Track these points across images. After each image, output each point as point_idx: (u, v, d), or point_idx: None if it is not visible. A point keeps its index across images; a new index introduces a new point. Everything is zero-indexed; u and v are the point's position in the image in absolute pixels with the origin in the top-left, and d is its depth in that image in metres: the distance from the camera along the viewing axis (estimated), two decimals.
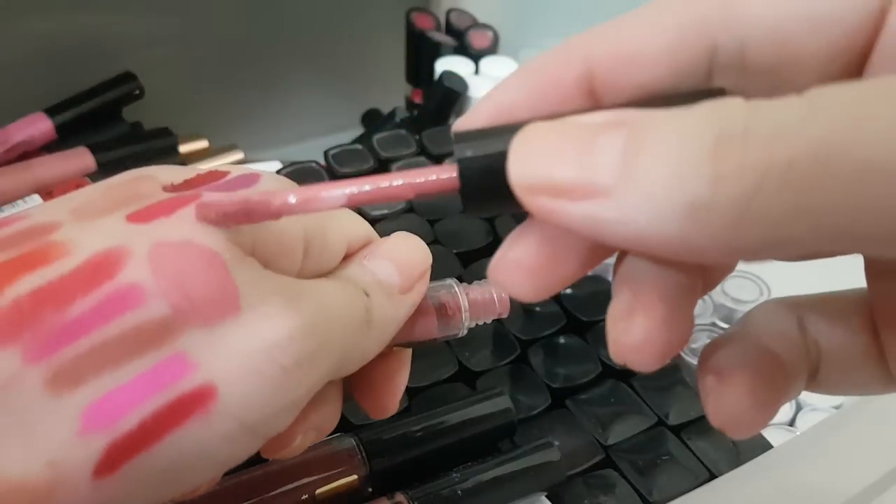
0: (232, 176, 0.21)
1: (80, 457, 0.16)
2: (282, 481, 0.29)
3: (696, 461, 0.35)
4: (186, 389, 0.17)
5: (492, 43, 0.62)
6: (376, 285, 0.22)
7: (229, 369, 0.17)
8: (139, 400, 0.16)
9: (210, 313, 0.17)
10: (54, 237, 0.18)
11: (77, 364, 0.16)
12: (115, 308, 0.17)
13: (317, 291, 0.20)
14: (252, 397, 0.17)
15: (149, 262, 0.17)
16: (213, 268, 0.18)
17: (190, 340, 0.17)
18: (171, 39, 0.58)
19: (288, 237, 0.20)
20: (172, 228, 0.18)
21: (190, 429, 0.17)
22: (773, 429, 0.39)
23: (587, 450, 0.35)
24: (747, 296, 0.44)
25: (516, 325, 0.40)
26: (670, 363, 0.40)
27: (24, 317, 0.16)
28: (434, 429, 0.32)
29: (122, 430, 0.16)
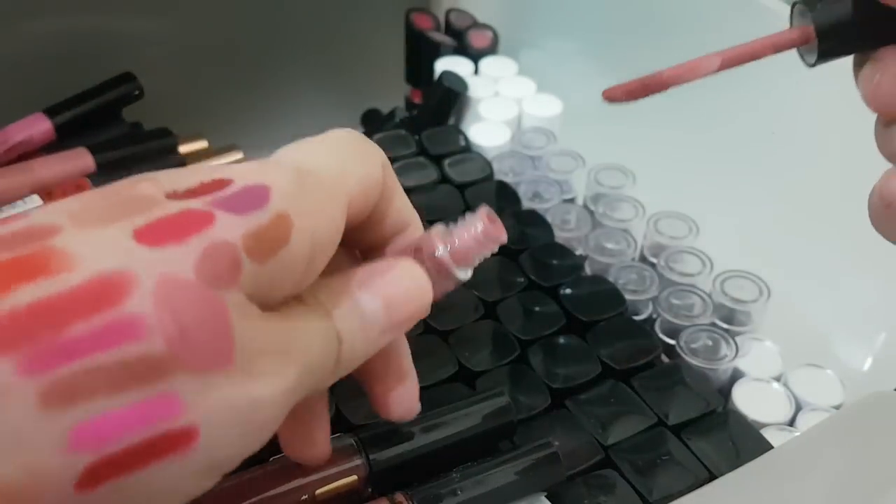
0: (236, 187, 0.20)
1: (64, 471, 0.16)
2: (281, 481, 0.29)
3: (695, 461, 0.35)
4: (173, 428, 0.17)
5: (492, 43, 0.62)
6: (355, 329, 0.23)
7: (213, 417, 0.18)
8: (128, 428, 0.17)
9: (205, 362, 0.18)
10: (55, 242, 0.18)
11: (71, 384, 0.16)
12: (116, 337, 0.17)
13: (303, 347, 0.21)
14: (227, 444, 0.19)
15: (154, 298, 0.17)
16: (215, 318, 0.18)
17: (182, 383, 0.17)
18: (171, 39, 0.58)
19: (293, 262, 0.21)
20: (183, 262, 0.18)
21: (168, 463, 0.18)
22: (772, 429, 0.39)
23: (587, 450, 0.35)
24: (747, 296, 0.44)
25: (516, 325, 0.40)
26: (670, 363, 0.40)
27: (20, 329, 0.16)
28: (434, 429, 0.32)
29: (107, 453, 0.17)
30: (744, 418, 0.38)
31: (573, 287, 0.43)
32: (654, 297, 0.44)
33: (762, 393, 0.41)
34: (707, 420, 0.37)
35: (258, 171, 0.21)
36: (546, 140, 0.54)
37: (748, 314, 0.44)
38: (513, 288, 0.42)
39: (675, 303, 0.44)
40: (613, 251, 0.47)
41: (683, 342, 0.41)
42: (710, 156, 0.51)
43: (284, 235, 0.20)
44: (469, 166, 0.51)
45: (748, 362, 0.42)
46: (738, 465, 0.34)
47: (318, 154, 0.24)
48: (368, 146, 0.26)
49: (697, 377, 0.39)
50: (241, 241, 0.19)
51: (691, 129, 0.52)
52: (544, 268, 0.44)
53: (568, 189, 0.51)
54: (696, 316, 0.43)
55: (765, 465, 0.34)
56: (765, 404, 0.40)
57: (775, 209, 0.48)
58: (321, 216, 0.22)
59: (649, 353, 0.40)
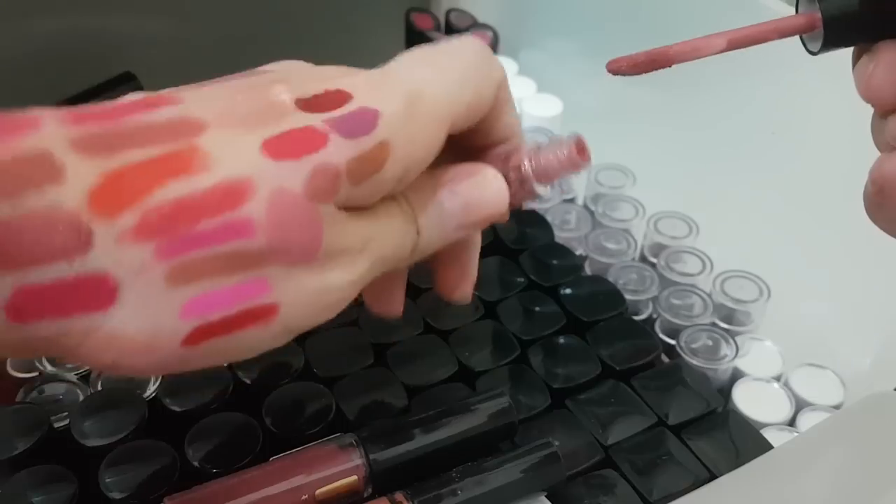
0: (352, 107, 0.24)
1: (175, 332, 0.21)
2: (282, 481, 0.29)
3: (696, 461, 0.35)
4: (260, 304, 0.22)
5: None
6: (434, 223, 0.27)
7: (292, 297, 0.23)
8: (227, 304, 0.22)
9: (295, 258, 0.22)
10: (201, 141, 0.21)
11: (190, 267, 0.21)
12: (230, 233, 0.21)
13: (379, 242, 0.25)
14: (300, 317, 0.23)
15: (267, 205, 0.21)
16: (311, 225, 0.22)
17: (273, 271, 0.22)
18: (171, 39, 0.58)
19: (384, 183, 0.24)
20: (295, 176, 0.22)
21: (253, 329, 0.22)
22: (773, 429, 0.39)
23: (587, 450, 0.35)
24: (747, 296, 0.44)
25: (516, 325, 0.40)
26: (670, 363, 0.40)
27: (163, 221, 0.20)
28: (434, 429, 0.32)
29: (209, 321, 0.21)
30: (744, 418, 0.38)
31: (573, 287, 0.43)
32: (654, 297, 0.44)
33: (762, 393, 0.41)
34: (707, 420, 0.37)
35: (375, 89, 0.25)
36: (546, 140, 0.54)
37: (748, 314, 0.44)
38: (513, 288, 0.42)
39: (676, 303, 0.44)
40: (613, 251, 0.47)
41: (683, 342, 0.41)
42: (711, 156, 0.51)
43: (381, 163, 0.24)
44: None
45: (748, 362, 0.42)
46: (738, 464, 0.34)
47: (439, 73, 0.26)
48: (491, 64, 0.28)
49: (697, 377, 0.39)
50: (344, 165, 0.23)
51: (691, 129, 0.52)
52: (544, 268, 0.44)
53: (568, 189, 0.51)
54: (697, 316, 0.43)
55: (765, 465, 0.34)
56: (765, 404, 0.40)
57: (775, 209, 0.48)
58: (418, 146, 0.25)
59: (649, 353, 0.40)
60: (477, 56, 0.28)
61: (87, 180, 0.20)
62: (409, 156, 0.25)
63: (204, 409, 0.34)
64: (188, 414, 0.34)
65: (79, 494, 0.31)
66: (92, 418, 0.34)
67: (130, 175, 0.20)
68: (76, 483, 0.32)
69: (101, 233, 0.20)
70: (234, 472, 0.31)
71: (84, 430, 0.33)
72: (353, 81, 0.25)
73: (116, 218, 0.20)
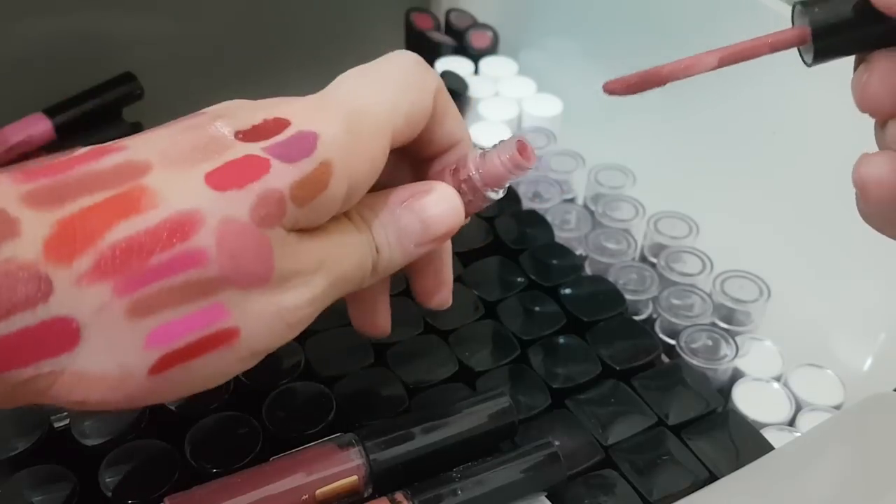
0: (291, 132, 0.25)
1: (141, 362, 0.22)
2: (282, 481, 0.29)
3: (696, 461, 0.35)
4: (220, 328, 0.23)
5: (491, 43, 0.62)
6: (393, 241, 0.28)
7: (251, 321, 0.23)
8: (188, 331, 0.22)
9: (248, 282, 0.23)
10: (146, 181, 0.22)
11: (149, 300, 0.22)
12: (183, 264, 0.22)
13: (335, 261, 0.26)
14: (262, 338, 0.24)
15: (216, 235, 0.22)
16: (261, 250, 0.23)
17: (229, 296, 0.23)
18: (171, 39, 0.58)
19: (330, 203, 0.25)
20: (241, 204, 0.23)
21: (217, 353, 0.23)
22: (773, 429, 0.39)
23: (587, 450, 0.35)
24: (747, 295, 0.44)
25: (516, 325, 0.40)
26: (670, 363, 0.40)
27: (118, 259, 0.21)
28: (434, 429, 0.32)
29: (173, 348, 0.22)
30: (744, 418, 0.38)
31: (573, 287, 0.43)
32: (654, 296, 0.44)
33: (762, 393, 0.41)
34: (707, 420, 0.37)
35: (312, 113, 0.25)
36: (546, 140, 0.54)
37: (748, 314, 0.44)
38: (513, 288, 0.42)
39: (676, 303, 0.44)
40: (613, 251, 0.47)
41: (683, 342, 0.41)
42: (711, 156, 0.51)
43: (325, 182, 0.24)
44: None
45: (748, 362, 0.42)
46: (738, 465, 0.34)
47: (374, 89, 0.27)
48: (425, 75, 0.29)
49: (697, 377, 0.39)
50: (288, 189, 0.23)
51: (691, 129, 0.52)
52: (544, 268, 0.44)
53: (568, 189, 0.51)
54: (696, 316, 0.43)
55: (765, 466, 0.34)
56: (765, 404, 0.40)
57: (775, 209, 0.48)
58: (361, 161, 0.26)
59: (649, 353, 0.40)
60: (410, 68, 0.29)
61: (42, 231, 0.21)
62: (353, 173, 0.25)
63: (204, 409, 0.34)
64: (188, 414, 0.34)
65: (78, 494, 0.31)
66: (92, 418, 0.34)
67: (82, 220, 0.21)
68: (76, 483, 0.32)
69: (59, 279, 0.21)
70: (234, 471, 0.31)
71: (84, 429, 0.33)
72: (291, 108, 0.26)
73: (73, 263, 0.21)
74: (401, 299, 0.41)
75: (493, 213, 0.47)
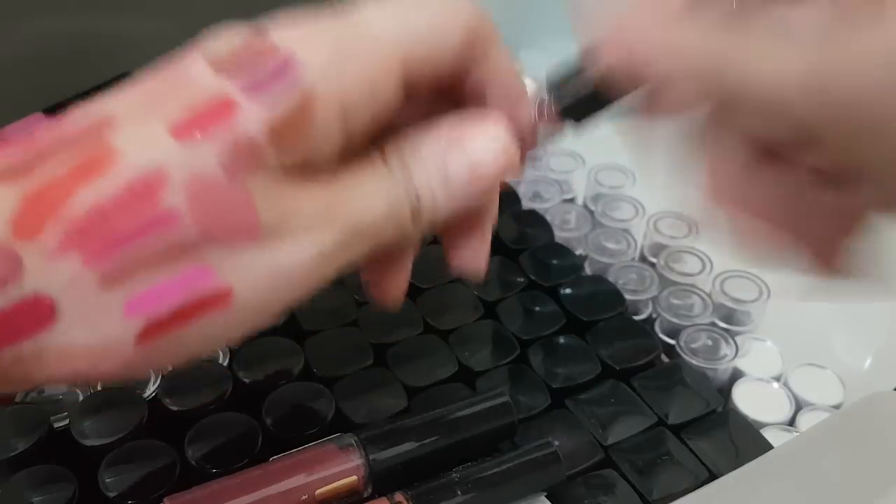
0: (271, 64, 0.22)
1: (125, 332, 0.21)
2: (282, 481, 0.29)
3: (696, 461, 0.35)
4: (210, 291, 0.21)
5: None
6: (437, 186, 0.24)
7: (245, 280, 0.21)
8: (170, 296, 0.21)
9: (232, 239, 0.21)
10: (110, 138, 0.21)
11: (121, 267, 0.20)
12: (153, 228, 0.20)
13: (348, 209, 0.23)
14: (261, 300, 0.22)
15: (185, 192, 0.20)
16: (239, 203, 0.21)
17: (214, 256, 0.21)
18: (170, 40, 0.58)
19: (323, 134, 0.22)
20: (207, 155, 0.21)
21: (211, 317, 0.21)
22: (773, 429, 0.39)
23: (587, 450, 0.35)
24: (747, 295, 0.44)
25: (516, 325, 0.40)
26: (670, 363, 0.40)
27: (83, 229, 0.20)
28: (434, 429, 0.32)
29: (157, 315, 0.21)
30: (744, 418, 0.38)
31: (573, 287, 0.43)
32: (653, 296, 0.44)
33: (762, 392, 0.41)
34: (707, 420, 0.37)
35: (300, 35, 0.23)
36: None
37: (748, 314, 0.44)
38: (513, 288, 0.42)
39: (675, 302, 0.44)
40: (613, 251, 0.47)
41: (683, 342, 0.41)
42: None
43: (308, 115, 0.22)
44: None
45: (748, 362, 0.42)
46: (738, 464, 0.34)
47: (381, 4, 0.24)
48: (456, 4, 0.25)
49: (697, 377, 0.39)
50: (261, 131, 0.21)
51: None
52: (544, 268, 0.44)
53: (568, 189, 0.51)
54: (696, 316, 0.43)
55: (765, 465, 0.34)
56: (765, 404, 0.40)
57: None
58: (356, 82, 0.22)
59: (649, 353, 0.40)
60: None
61: (8, 207, 0.20)
62: (347, 98, 0.22)
63: (204, 410, 0.34)
64: (188, 414, 0.34)
65: (78, 494, 0.31)
66: (92, 418, 0.34)
67: (47, 191, 0.20)
68: (76, 483, 0.32)
69: (29, 255, 0.20)
70: (233, 472, 0.31)
71: (84, 430, 0.33)
72: (280, 32, 0.23)
73: (41, 237, 0.20)
74: None
75: None
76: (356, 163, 0.23)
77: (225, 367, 0.37)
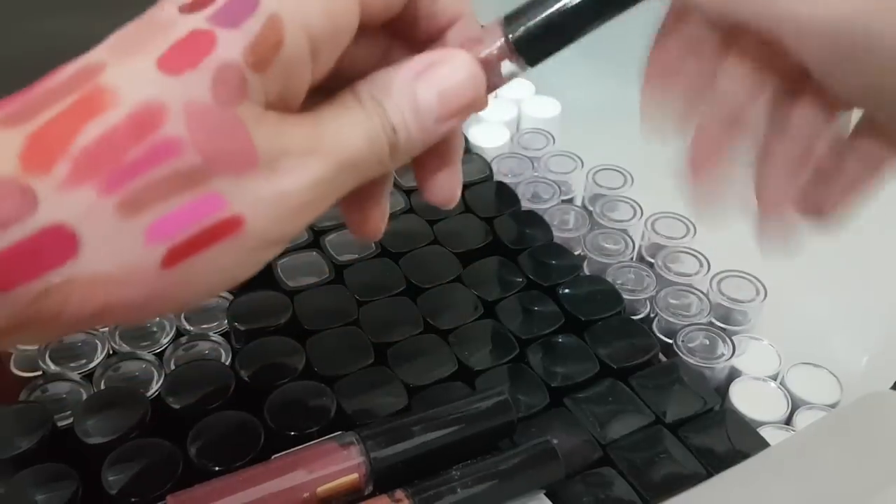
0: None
1: (149, 258, 0.22)
2: (283, 479, 0.30)
3: (693, 459, 0.35)
4: (221, 218, 0.22)
5: None
6: (410, 118, 0.25)
7: (253, 208, 0.23)
8: (186, 222, 0.22)
9: (234, 166, 0.22)
10: (103, 80, 0.22)
11: (136, 196, 0.21)
12: (160, 156, 0.21)
13: (333, 142, 0.24)
14: (271, 226, 0.23)
15: (185, 120, 0.21)
16: (234, 130, 0.22)
17: (222, 185, 0.22)
18: None
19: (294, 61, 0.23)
20: (199, 84, 0.22)
21: (227, 244, 0.23)
22: (770, 427, 0.39)
23: (585, 448, 0.36)
24: (744, 295, 0.44)
25: (515, 324, 0.41)
26: (668, 362, 0.40)
27: (93, 161, 0.21)
28: (434, 427, 0.32)
29: (176, 241, 0.22)
30: (741, 417, 0.38)
31: (572, 287, 0.43)
32: (651, 296, 0.45)
33: (759, 391, 0.41)
34: (704, 418, 0.37)
35: None
36: (545, 141, 0.55)
37: (745, 313, 0.44)
38: (512, 288, 0.43)
39: (673, 302, 0.44)
40: (611, 251, 0.47)
41: (681, 341, 0.42)
42: None
43: (278, 38, 0.23)
44: (469, 167, 0.51)
45: (745, 361, 0.42)
46: (735, 462, 0.35)
47: None
48: None
49: (695, 376, 0.39)
50: (241, 58, 0.22)
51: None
52: (543, 268, 0.44)
53: (566, 190, 0.52)
54: (694, 315, 0.44)
55: (761, 463, 0.34)
56: (761, 403, 0.40)
57: None
58: (316, 9, 0.23)
59: (647, 352, 0.40)
60: None
61: (15, 146, 0.21)
62: (309, 25, 0.23)
63: (206, 408, 0.35)
64: (190, 412, 0.34)
65: (82, 492, 0.32)
66: (95, 417, 0.34)
67: (51, 130, 0.21)
68: (79, 481, 0.32)
69: (42, 188, 0.21)
70: (235, 470, 0.31)
71: (87, 428, 0.33)
72: None
73: (51, 171, 0.21)
74: (401, 299, 0.41)
75: (493, 213, 0.47)
76: (331, 103, 0.25)
77: (227, 366, 0.37)
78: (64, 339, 0.39)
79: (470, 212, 0.47)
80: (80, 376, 0.37)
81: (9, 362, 0.40)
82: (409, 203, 0.47)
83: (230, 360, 0.38)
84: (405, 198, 0.48)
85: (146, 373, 0.38)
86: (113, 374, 0.38)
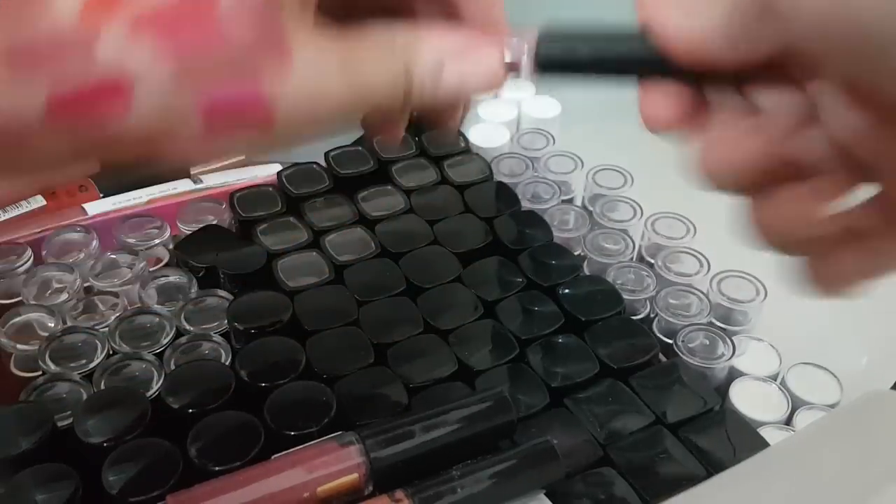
0: None
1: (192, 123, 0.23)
2: (284, 478, 0.30)
3: (693, 459, 0.35)
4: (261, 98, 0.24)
5: None
6: (428, 84, 0.27)
7: (285, 96, 0.24)
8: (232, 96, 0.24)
9: (272, 55, 0.24)
10: None
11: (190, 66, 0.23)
12: (215, 35, 0.23)
13: (359, 68, 0.26)
14: (296, 119, 0.25)
15: (236, 7, 0.23)
16: (273, 24, 0.24)
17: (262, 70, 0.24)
18: None
19: None
20: None
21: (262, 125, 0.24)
22: (769, 427, 0.39)
23: (585, 448, 0.36)
24: (744, 295, 0.44)
25: (515, 324, 0.41)
26: (668, 362, 0.40)
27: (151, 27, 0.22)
28: (434, 427, 0.32)
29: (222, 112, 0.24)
30: (741, 417, 0.38)
31: (572, 287, 0.43)
32: (651, 296, 0.45)
33: (759, 391, 0.41)
34: (704, 418, 0.37)
35: None
36: (545, 142, 0.55)
37: (745, 314, 0.44)
38: (512, 288, 0.43)
39: (673, 302, 0.44)
40: (611, 251, 0.47)
41: (681, 341, 0.42)
42: None
43: None
44: (469, 167, 0.51)
45: (745, 361, 0.42)
46: (735, 463, 0.35)
47: None
48: None
49: (695, 376, 0.39)
50: None
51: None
52: (543, 268, 0.44)
53: (566, 190, 0.52)
54: (694, 315, 0.44)
55: (761, 463, 0.34)
56: (761, 403, 0.40)
57: None
58: None
59: (647, 353, 0.40)
60: None
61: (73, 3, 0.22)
62: None
63: (206, 408, 0.35)
64: (191, 412, 0.35)
65: (82, 492, 0.32)
66: (95, 417, 0.34)
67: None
68: (79, 481, 0.32)
69: (104, 35, 0.22)
70: (236, 470, 0.31)
71: (87, 428, 0.33)
72: None
73: (112, 23, 0.22)
74: (401, 299, 0.41)
75: (493, 213, 0.47)
76: (364, 34, 0.26)
77: (227, 366, 0.37)
78: (64, 339, 0.39)
79: (470, 212, 0.47)
80: (80, 376, 0.37)
81: (9, 362, 0.40)
82: (409, 203, 0.47)
83: (230, 360, 0.38)
84: (405, 198, 0.48)
85: (146, 373, 0.38)
86: (113, 374, 0.38)
